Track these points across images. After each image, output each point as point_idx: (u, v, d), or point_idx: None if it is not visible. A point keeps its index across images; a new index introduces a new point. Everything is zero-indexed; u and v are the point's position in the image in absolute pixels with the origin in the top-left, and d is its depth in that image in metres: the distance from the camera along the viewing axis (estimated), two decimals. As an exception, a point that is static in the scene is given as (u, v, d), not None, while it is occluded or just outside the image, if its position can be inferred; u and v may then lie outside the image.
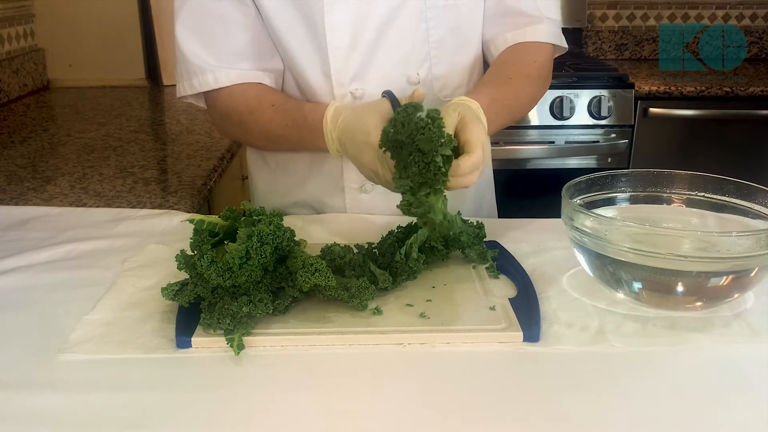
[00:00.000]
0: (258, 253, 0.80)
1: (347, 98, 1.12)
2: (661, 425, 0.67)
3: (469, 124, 0.91)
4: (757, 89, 2.53)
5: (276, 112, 1.10)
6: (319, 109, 1.06)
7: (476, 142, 0.90)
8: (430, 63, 1.14)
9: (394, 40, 1.11)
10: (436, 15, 1.12)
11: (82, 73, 2.51)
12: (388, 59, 1.12)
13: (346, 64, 1.11)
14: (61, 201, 1.31)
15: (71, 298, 0.89)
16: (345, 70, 1.11)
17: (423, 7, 1.11)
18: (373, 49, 1.11)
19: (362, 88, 1.12)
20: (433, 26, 1.12)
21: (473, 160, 0.89)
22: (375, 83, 1.12)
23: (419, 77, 1.14)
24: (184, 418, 0.67)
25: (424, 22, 1.12)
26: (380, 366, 0.76)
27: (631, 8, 3.11)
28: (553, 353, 0.78)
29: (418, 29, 1.12)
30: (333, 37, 1.09)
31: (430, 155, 0.86)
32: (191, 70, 1.12)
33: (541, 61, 1.16)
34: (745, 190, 0.95)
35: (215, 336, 0.78)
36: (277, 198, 1.27)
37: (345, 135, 1.00)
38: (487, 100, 1.03)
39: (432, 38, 1.13)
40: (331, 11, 1.08)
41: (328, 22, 1.08)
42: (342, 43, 1.10)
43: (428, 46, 1.13)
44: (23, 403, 0.69)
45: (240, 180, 1.96)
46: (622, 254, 0.84)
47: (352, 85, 1.12)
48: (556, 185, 0.94)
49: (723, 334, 0.82)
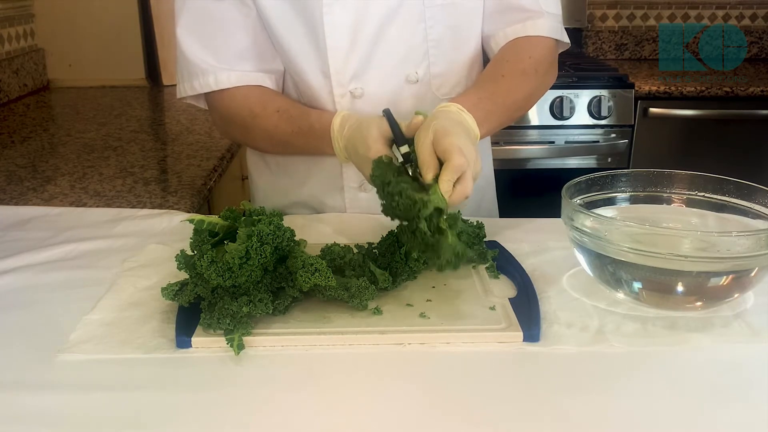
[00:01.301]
0: (258, 253, 0.80)
1: (346, 98, 1.13)
2: (661, 425, 0.67)
3: (441, 135, 0.87)
4: (757, 89, 2.53)
5: (281, 118, 1.11)
6: (325, 118, 1.06)
7: (451, 149, 0.85)
8: (429, 62, 1.14)
9: (393, 39, 1.11)
10: (434, 14, 1.12)
11: (82, 73, 2.51)
12: (387, 58, 1.12)
13: (345, 63, 1.11)
14: (61, 201, 1.31)
15: (71, 298, 0.89)
16: (344, 70, 1.11)
17: (422, 6, 1.11)
18: (372, 48, 1.11)
19: (361, 87, 1.12)
20: (432, 25, 1.12)
21: (453, 165, 0.85)
22: (374, 82, 1.13)
23: (418, 76, 1.14)
24: (184, 418, 0.67)
25: (423, 21, 1.12)
26: (380, 366, 0.76)
27: (631, 8, 3.11)
28: (553, 353, 0.78)
29: (417, 28, 1.12)
30: (332, 37, 1.09)
31: (413, 224, 0.85)
32: (192, 72, 1.12)
33: (537, 56, 1.14)
34: (745, 190, 0.95)
35: (215, 336, 0.78)
36: (277, 198, 1.27)
37: (349, 145, 1.01)
38: (473, 99, 1.02)
39: (431, 37, 1.13)
40: (330, 11, 1.08)
41: (327, 23, 1.08)
42: (341, 43, 1.10)
43: (427, 45, 1.13)
44: (23, 403, 0.69)
45: (240, 180, 1.96)
46: (622, 254, 0.84)
47: (352, 84, 1.12)
48: (556, 185, 0.94)
49: (723, 334, 0.82)
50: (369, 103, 1.13)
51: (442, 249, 0.83)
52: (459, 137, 0.88)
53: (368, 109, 1.12)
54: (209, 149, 1.69)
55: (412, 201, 0.83)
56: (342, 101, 1.13)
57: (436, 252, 0.84)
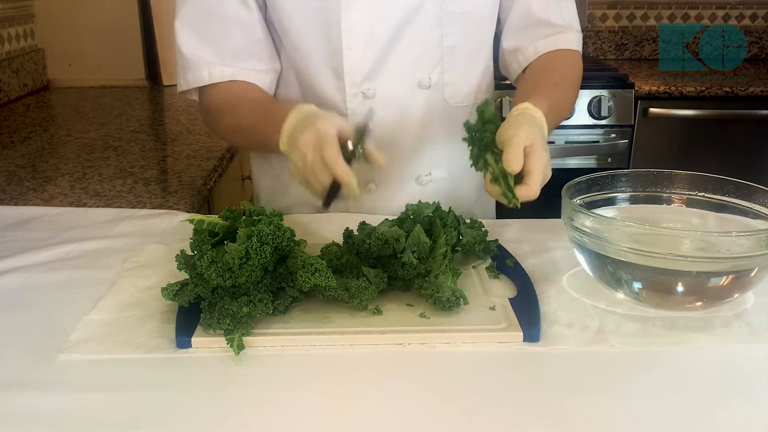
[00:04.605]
0: (258, 253, 0.80)
1: (358, 98, 1.13)
2: (661, 425, 0.67)
3: (535, 153, 0.89)
4: (757, 89, 2.53)
5: (253, 107, 1.11)
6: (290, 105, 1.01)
7: (536, 173, 0.88)
8: (443, 68, 1.15)
9: (408, 42, 1.12)
10: (450, 21, 1.13)
11: (82, 73, 2.51)
12: (401, 61, 1.13)
13: (359, 63, 1.12)
14: (61, 201, 1.31)
15: (71, 298, 0.89)
16: (358, 70, 1.12)
17: (439, 12, 1.12)
18: (387, 50, 1.12)
19: (373, 88, 1.13)
20: (448, 32, 1.13)
21: (529, 192, 0.88)
22: (386, 84, 1.13)
23: (431, 81, 1.15)
24: (184, 418, 0.67)
25: (439, 27, 1.13)
26: (380, 366, 0.76)
27: (631, 8, 3.11)
28: (553, 353, 0.78)
29: (433, 34, 1.13)
30: (348, 35, 1.10)
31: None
32: (186, 66, 1.13)
33: (579, 68, 1.19)
34: (745, 190, 0.95)
35: (215, 336, 0.78)
36: (280, 197, 1.27)
37: (298, 124, 0.95)
38: (546, 106, 1.00)
39: (446, 43, 1.14)
40: (348, 9, 1.08)
41: (345, 20, 1.09)
42: (357, 43, 1.10)
43: (441, 51, 1.14)
44: (23, 403, 0.69)
45: (240, 180, 1.96)
46: (622, 254, 0.84)
47: (364, 84, 1.13)
48: (556, 185, 0.94)
49: (723, 334, 0.82)
50: (380, 104, 1.13)
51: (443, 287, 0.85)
52: (544, 158, 0.90)
53: (379, 111, 1.12)
54: (209, 149, 1.69)
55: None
56: (353, 101, 1.13)
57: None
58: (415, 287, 0.86)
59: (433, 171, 1.22)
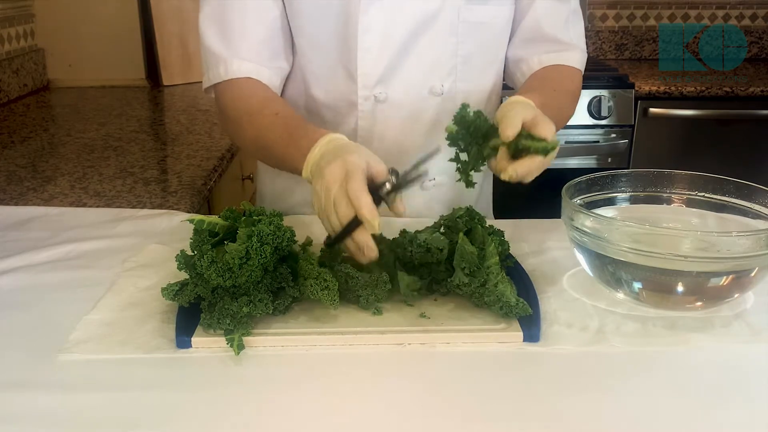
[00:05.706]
0: (258, 253, 0.80)
1: (370, 101, 1.13)
2: (661, 425, 0.67)
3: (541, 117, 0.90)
4: (757, 89, 2.53)
5: (275, 121, 1.06)
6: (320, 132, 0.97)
7: (548, 123, 0.90)
8: (456, 77, 1.15)
9: (423, 48, 1.12)
10: (466, 30, 1.13)
11: (82, 73, 2.51)
12: (414, 67, 1.13)
13: (373, 66, 1.11)
14: (61, 201, 1.31)
15: (71, 298, 0.89)
16: (372, 73, 1.12)
17: (456, 21, 1.12)
18: (402, 54, 1.12)
19: (386, 92, 1.13)
20: (463, 41, 1.13)
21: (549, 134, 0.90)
22: (399, 89, 1.13)
23: (443, 89, 1.15)
24: (184, 418, 0.67)
25: (455, 36, 1.13)
26: (380, 366, 0.76)
27: (631, 8, 3.11)
28: (553, 353, 0.78)
29: (448, 41, 1.13)
30: (364, 37, 1.09)
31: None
32: (208, 62, 1.12)
33: (577, 83, 1.20)
34: (745, 190, 0.95)
35: (215, 336, 0.78)
36: (285, 196, 1.27)
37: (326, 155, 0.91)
38: (539, 101, 1.00)
39: (460, 52, 1.14)
40: (366, 10, 1.08)
41: (362, 22, 1.08)
42: (373, 44, 1.10)
43: (456, 59, 1.14)
44: (23, 403, 0.69)
45: (240, 180, 1.96)
46: (622, 254, 0.84)
47: (377, 88, 1.13)
48: (556, 185, 0.94)
49: (723, 334, 0.82)
50: (391, 108, 1.13)
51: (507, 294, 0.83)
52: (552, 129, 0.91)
53: (390, 115, 1.13)
54: (209, 149, 1.69)
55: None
56: (365, 104, 1.13)
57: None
58: (475, 300, 0.84)
59: (438, 176, 1.22)
